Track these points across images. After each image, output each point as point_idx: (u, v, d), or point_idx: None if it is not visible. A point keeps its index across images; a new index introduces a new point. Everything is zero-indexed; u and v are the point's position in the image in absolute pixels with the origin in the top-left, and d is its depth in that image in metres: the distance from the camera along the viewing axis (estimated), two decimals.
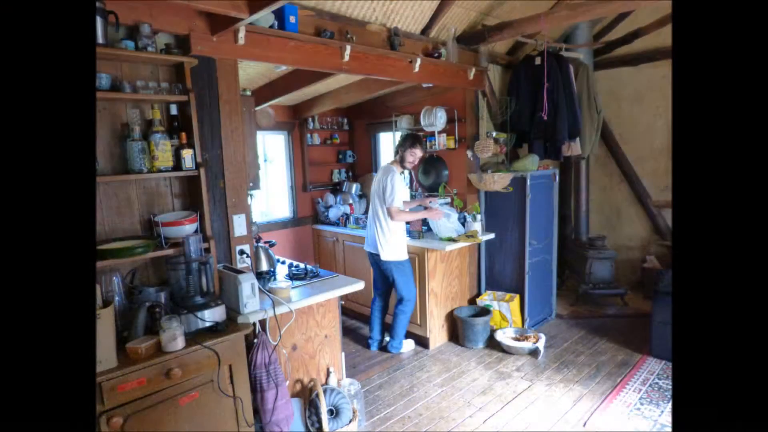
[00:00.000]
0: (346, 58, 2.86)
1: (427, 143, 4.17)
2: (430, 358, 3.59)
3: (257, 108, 3.92)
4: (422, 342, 3.81)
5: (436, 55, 3.47)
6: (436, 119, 4.00)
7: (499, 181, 3.78)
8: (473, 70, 3.78)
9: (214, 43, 2.27)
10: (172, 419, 1.85)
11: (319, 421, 2.45)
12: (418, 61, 3.28)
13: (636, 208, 5.02)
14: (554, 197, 4.21)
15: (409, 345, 3.75)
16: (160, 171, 2.04)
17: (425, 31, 3.47)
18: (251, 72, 3.39)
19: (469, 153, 4.01)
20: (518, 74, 4.07)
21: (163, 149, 2.04)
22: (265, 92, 3.88)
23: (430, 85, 3.85)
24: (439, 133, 4.12)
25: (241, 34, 2.33)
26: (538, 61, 3.83)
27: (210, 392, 1.97)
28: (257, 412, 2.21)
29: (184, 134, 2.13)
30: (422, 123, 4.10)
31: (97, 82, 1.89)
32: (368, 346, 3.81)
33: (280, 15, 2.49)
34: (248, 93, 2.93)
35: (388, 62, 3.17)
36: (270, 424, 2.19)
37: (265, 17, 2.38)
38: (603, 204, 5.27)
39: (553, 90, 3.79)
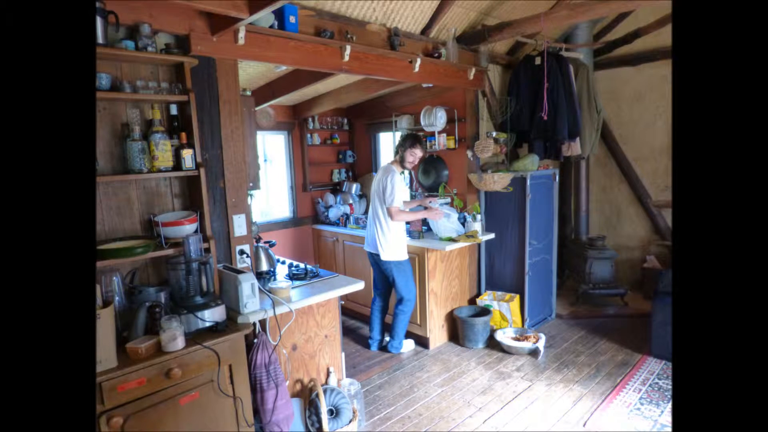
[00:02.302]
0: (346, 58, 2.86)
1: (427, 143, 4.17)
2: (430, 358, 3.59)
3: (257, 108, 3.92)
4: (422, 342, 3.82)
5: (436, 55, 3.47)
6: (436, 119, 4.00)
7: (499, 181, 3.78)
8: (473, 70, 3.78)
9: (214, 43, 2.27)
10: (172, 419, 1.85)
11: (319, 421, 2.45)
12: (418, 61, 3.28)
13: (636, 208, 5.02)
14: (554, 197, 4.21)
15: (409, 345, 3.75)
16: (160, 171, 2.04)
17: (425, 31, 3.47)
18: (251, 72, 3.39)
19: (469, 153, 4.01)
20: (518, 74, 4.07)
21: (163, 149, 2.04)
22: (265, 92, 3.87)
23: (430, 85, 3.85)
24: (439, 133, 4.12)
25: (241, 34, 2.33)
26: (538, 61, 3.83)
27: (210, 392, 1.97)
28: (257, 412, 2.21)
29: (184, 134, 2.14)
30: (422, 123, 4.10)
31: (97, 82, 1.90)
32: (368, 346, 3.81)
33: (280, 15, 2.49)
34: (248, 93, 2.92)
35: (388, 62, 3.17)
36: (270, 424, 2.19)
37: (265, 17, 2.38)
38: (603, 204, 5.27)
39: (553, 90, 3.79)
